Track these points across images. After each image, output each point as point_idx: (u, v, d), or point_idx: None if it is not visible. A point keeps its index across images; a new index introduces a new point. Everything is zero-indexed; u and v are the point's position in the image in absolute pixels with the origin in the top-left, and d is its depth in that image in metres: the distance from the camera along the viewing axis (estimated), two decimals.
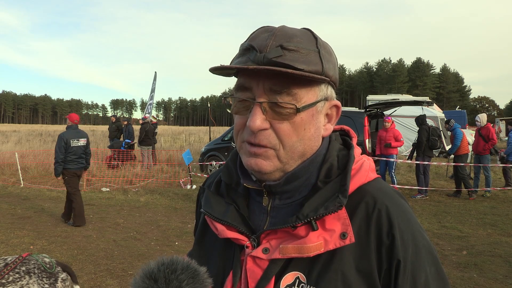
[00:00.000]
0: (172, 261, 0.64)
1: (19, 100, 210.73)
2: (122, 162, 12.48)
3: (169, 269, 0.63)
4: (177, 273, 0.62)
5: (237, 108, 0.76)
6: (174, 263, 0.64)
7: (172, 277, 0.62)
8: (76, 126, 6.80)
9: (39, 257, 2.46)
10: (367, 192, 0.76)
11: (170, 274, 0.62)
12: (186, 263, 0.64)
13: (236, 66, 0.70)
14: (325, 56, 0.74)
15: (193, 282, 0.62)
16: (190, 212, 7.59)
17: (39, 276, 2.36)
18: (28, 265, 2.39)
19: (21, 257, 2.40)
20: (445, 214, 7.41)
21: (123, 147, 13.11)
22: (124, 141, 13.41)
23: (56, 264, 2.48)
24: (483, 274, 4.49)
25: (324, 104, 0.77)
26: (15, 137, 25.75)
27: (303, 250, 0.70)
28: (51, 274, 2.39)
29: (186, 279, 0.62)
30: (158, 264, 0.64)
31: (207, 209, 0.83)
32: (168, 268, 0.63)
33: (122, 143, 13.29)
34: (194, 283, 0.62)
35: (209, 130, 17.23)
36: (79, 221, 6.53)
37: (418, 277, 0.70)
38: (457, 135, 9.02)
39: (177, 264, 0.64)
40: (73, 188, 6.64)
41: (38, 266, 2.40)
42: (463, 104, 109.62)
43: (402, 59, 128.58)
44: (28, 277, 2.34)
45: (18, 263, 2.36)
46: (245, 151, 0.76)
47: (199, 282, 0.63)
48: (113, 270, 4.61)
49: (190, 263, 0.65)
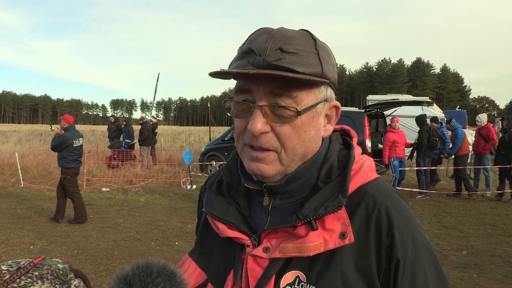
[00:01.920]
0: (147, 264, 0.63)
1: (19, 100, 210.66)
2: (122, 162, 12.48)
3: (145, 273, 0.61)
4: (152, 276, 0.61)
5: (237, 111, 0.76)
6: (149, 266, 0.63)
7: (148, 281, 0.60)
8: (74, 127, 6.85)
9: (52, 262, 2.43)
10: (367, 192, 0.76)
11: (145, 277, 0.61)
12: (162, 266, 0.63)
13: (236, 71, 0.70)
14: (324, 58, 0.74)
15: (170, 285, 0.61)
16: (190, 212, 7.60)
17: (52, 282, 2.33)
18: (42, 270, 2.35)
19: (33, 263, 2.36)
20: (445, 214, 7.42)
21: (123, 147, 13.12)
22: (124, 141, 13.41)
23: (69, 270, 2.45)
24: (483, 274, 4.49)
25: (324, 105, 0.77)
26: (15, 137, 25.76)
27: (303, 250, 0.71)
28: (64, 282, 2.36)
29: (162, 282, 0.61)
30: (133, 268, 0.62)
31: (209, 208, 0.83)
32: (143, 272, 0.61)
33: (122, 143, 13.29)
34: (171, 286, 0.61)
35: (209, 130, 17.24)
36: (82, 217, 6.67)
37: (417, 277, 0.71)
38: (459, 135, 9.01)
39: (153, 267, 0.62)
40: (75, 187, 6.75)
41: (52, 272, 2.37)
42: (463, 104, 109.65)
43: (402, 59, 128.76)
44: (40, 282, 2.31)
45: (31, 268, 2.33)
46: (247, 155, 0.76)
47: (176, 284, 0.62)
48: (113, 270, 4.61)
49: (166, 266, 0.64)
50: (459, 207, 8.01)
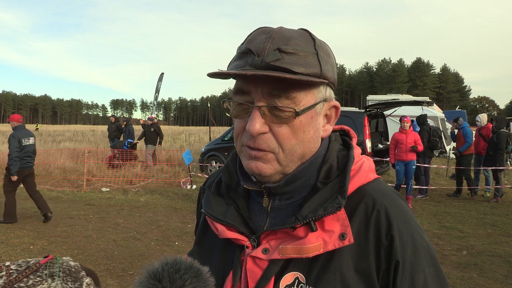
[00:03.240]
0: (176, 261, 0.65)
1: (19, 100, 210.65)
2: (124, 162, 12.47)
3: (173, 269, 0.63)
4: (180, 272, 0.63)
5: (236, 112, 0.76)
6: (177, 263, 0.65)
7: (176, 277, 0.63)
8: (23, 126, 6.76)
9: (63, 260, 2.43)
10: (366, 193, 0.76)
11: (174, 273, 0.63)
12: (190, 263, 0.65)
13: (234, 72, 0.70)
14: (323, 58, 0.74)
15: (197, 281, 0.63)
16: (190, 212, 7.60)
17: (64, 279, 2.33)
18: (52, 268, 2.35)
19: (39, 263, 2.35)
20: (445, 214, 7.42)
21: (126, 146, 13.11)
22: (127, 140, 13.40)
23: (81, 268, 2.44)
24: (483, 274, 4.49)
25: (323, 106, 0.77)
26: None
27: (302, 251, 0.71)
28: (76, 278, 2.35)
29: (189, 278, 0.63)
30: (162, 264, 0.65)
31: (208, 209, 0.83)
32: (172, 268, 0.64)
33: (125, 142, 13.29)
34: (197, 282, 0.63)
35: (209, 130, 17.24)
36: (9, 219, 6.51)
37: (416, 278, 0.71)
38: (469, 133, 8.93)
39: (181, 264, 0.65)
40: (12, 187, 6.60)
41: (64, 269, 2.36)
42: (463, 104, 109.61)
43: (402, 59, 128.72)
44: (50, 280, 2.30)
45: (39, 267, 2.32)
46: (245, 154, 0.76)
47: (202, 281, 0.64)
48: (113, 270, 4.61)
49: (193, 263, 0.66)
50: (459, 207, 8.01)
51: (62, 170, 12.11)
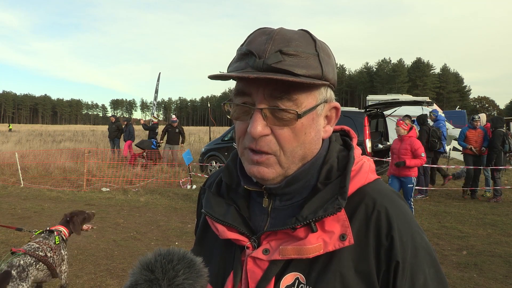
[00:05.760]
0: (169, 252, 0.65)
1: (19, 100, 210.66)
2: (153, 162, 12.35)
3: (166, 260, 0.64)
4: (173, 263, 0.64)
5: (237, 114, 0.76)
6: (170, 253, 0.65)
7: (169, 267, 0.63)
8: None
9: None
10: (366, 193, 0.76)
11: (166, 264, 0.63)
12: (183, 254, 0.66)
13: (236, 75, 0.69)
14: (324, 59, 0.74)
15: (189, 272, 0.64)
16: (190, 212, 7.59)
17: None
18: None
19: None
20: (445, 214, 7.41)
21: (154, 146, 12.99)
22: (153, 140, 13.27)
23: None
24: (483, 274, 4.49)
25: (323, 107, 0.77)
26: (15, 137, 25.75)
27: (303, 252, 0.71)
28: None
29: (182, 269, 0.63)
30: (155, 255, 0.65)
31: (208, 209, 0.83)
32: (164, 259, 0.64)
33: (153, 141, 13.15)
34: (190, 273, 0.64)
35: (209, 130, 17.22)
36: None
37: (416, 279, 0.71)
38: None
39: (174, 255, 0.65)
40: None
41: None
42: (463, 104, 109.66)
43: (402, 59, 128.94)
44: None
45: None
46: (247, 159, 0.76)
47: (195, 271, 0.65)
48: (113, 270, 4.61)
49: (186, 254, 0.66)
50: (459, 207, 8.00)
51: (62, 170, 12.11)
